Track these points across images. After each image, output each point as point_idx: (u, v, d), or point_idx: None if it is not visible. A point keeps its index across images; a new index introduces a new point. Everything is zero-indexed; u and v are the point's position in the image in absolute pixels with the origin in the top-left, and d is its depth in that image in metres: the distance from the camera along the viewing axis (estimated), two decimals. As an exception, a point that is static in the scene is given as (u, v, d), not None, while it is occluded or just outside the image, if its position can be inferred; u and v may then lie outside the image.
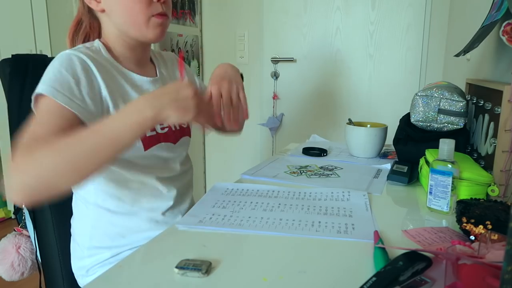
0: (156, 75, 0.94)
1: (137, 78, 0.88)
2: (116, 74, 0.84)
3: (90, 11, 0.86)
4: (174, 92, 0.65)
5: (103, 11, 0.83)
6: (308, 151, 1.25)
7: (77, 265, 0.88)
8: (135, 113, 0.63)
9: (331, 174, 1.04)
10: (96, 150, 0.61)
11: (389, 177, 0.97)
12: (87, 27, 0.89)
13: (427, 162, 0.92)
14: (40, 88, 0.71)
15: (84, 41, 0.89)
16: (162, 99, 0.64)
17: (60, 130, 0.67)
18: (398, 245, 0.63)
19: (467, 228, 0.63)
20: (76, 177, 0.62)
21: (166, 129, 0.90)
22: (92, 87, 0.77)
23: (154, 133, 0.87)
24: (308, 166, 1.12)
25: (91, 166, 0.62)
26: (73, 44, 0.89)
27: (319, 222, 0.72)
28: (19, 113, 0.88)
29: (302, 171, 1.06)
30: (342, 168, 1.10)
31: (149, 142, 0.85)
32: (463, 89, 1.16)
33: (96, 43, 0.86)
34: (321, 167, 1.11)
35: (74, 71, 0.75)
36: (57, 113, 0.70)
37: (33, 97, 0.73)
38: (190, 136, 0.99)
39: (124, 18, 0.82)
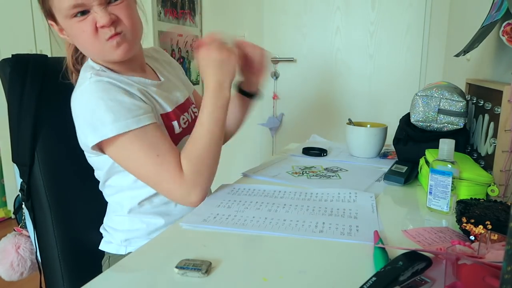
0: (159, 79, 0.95)
1: (147, 81, 0.89)
2: (132, 83, 0.84)
3: None
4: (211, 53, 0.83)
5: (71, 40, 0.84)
6: (308, 151, 1.25)
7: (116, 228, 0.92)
8: (213, 96, 0.83)
9: (333, 176, 1.03)
10: (218, 134, 0.84)
11: (385, 177, 0.97)
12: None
13: (427, 162, 0.92)
14: (108, 132, 0.75)
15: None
16: (211, 67, 0.83)
17: (167, 140, 0.81)
18: (398, 245, 0.63)
19: (467, 228, 0.63)
20: (220, 152, 0.86)
21: (187, 123, 0.94)
22: (134, 97, 0.81)
23: (181, 129, 0.91)
24: (313, 167, 1.12)
25: (222, 140, 0.86)
26: (73, 58, 0.89)
27: (323, 223, 0.71)
28: (19, 113, 0.88)
29: (304, 172, 1.06)
30: (347, 170, 1.09)
31: (177, 138, 0.90)
32: (463, 89, 1.16)
33: (94, 65, 0.85)
34: (325, 168, 1.10)
35: (113, 95, 0.77)
36: (144, 136, 0.77)
37: (100, 141, 0.76)
38: None
39: (83, 48, 0.84)
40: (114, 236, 0.90)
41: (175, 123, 0.90)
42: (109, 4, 0.78)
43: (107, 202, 0.94)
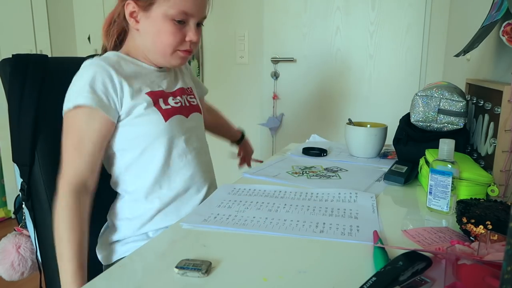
0: (168, 69, 0.99)
1: (145, 66, 0.93)
2: (130, 64, 0.91)
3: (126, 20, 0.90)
4: None
5: (138, 30, 0.90)
6: (308, 151, 1.25)
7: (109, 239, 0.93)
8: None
9: (332, 176, 1.03)
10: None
11: (385, 177, 0.97)
12: (120, 29, 0.94)
13: (427, 162, 0.92)
14: (73, 101, 0.82)
15: (118, 36, 0.94)
16: None
17: (97, 143, 0.83)
18: (398, 245, 0.63)
19: (467, 228, 0.63)
20: None
21: (179, 104, 0.95)
22: (115, 91, 0.84)
23: (169, 106, 0.92)
24: (313, 167, 1.12)
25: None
26: (107, 36, 0.94)
27: (324, 223, 0.71)
28: (19, 113, 0.88)
29: (304, 172, 1.06)
30: (347, 170, 1.09)
31: (167, 113, 0.90)
32: (463, 89, 1.16)
33: (115, 55, 0.92)
34: (325, 169, 1.10)
35: (101, 81, 0.83)
36: (90, 121, 0.82)
37: (67, 110, 0.83)
38: (201, 113, 1.04)
39: (155, 45, 0.89)
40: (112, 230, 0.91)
41: (160, 100, 0.91)
42: (198, 26, 0.91)
43: (106, 202, 0.94)
